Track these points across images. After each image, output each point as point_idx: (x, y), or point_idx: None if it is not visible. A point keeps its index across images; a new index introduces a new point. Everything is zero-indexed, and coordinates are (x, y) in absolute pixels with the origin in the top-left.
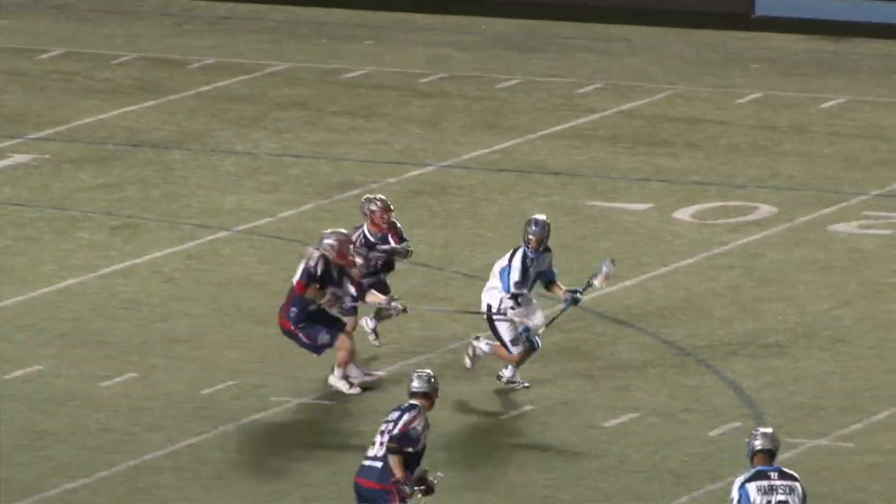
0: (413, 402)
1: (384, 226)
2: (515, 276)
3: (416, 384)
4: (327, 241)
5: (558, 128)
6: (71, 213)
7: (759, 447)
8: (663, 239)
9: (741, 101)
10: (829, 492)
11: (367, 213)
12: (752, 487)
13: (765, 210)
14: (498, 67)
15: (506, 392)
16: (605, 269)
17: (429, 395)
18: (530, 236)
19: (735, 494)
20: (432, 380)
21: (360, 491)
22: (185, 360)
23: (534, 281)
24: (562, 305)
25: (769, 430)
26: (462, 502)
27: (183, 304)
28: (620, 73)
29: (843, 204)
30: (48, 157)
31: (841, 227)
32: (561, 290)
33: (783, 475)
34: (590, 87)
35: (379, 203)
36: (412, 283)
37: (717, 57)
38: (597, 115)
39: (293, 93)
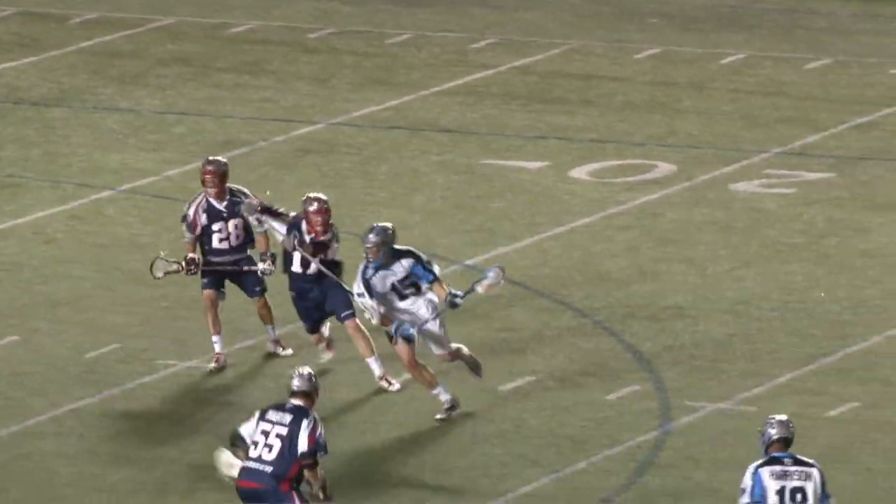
0: (297, 403)
1: (319, 228)
2: (355, 287)
3: (297, 383)
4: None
5: (451, 84)
6: None
7: (775, 437)
8: (559, 198)
9: (638, 56)
10: (730, 456)
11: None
12: (765, 472)
13: (664, 168)
14: (387, 22)
15: (390, 354)
16: (491, 275)
17: (310, 395)
18: (366, 245)
19: (749, 481)
20: (313, 378)
21: (247, 494)
22: (67, 323)
23: (393, 291)
24: (442, 305)
25: (783, 417)
26: (353, 470)
27: (65, 266)
28: (514, 28)
29: (745, 162)
30: None
31: (742, 185)
32: (443, 290)
33: (797, 461)
34: (483, 43)
35: (318, 203)
36: None
37: (613, 11)
38: (490, 72)
39: (177, 48)
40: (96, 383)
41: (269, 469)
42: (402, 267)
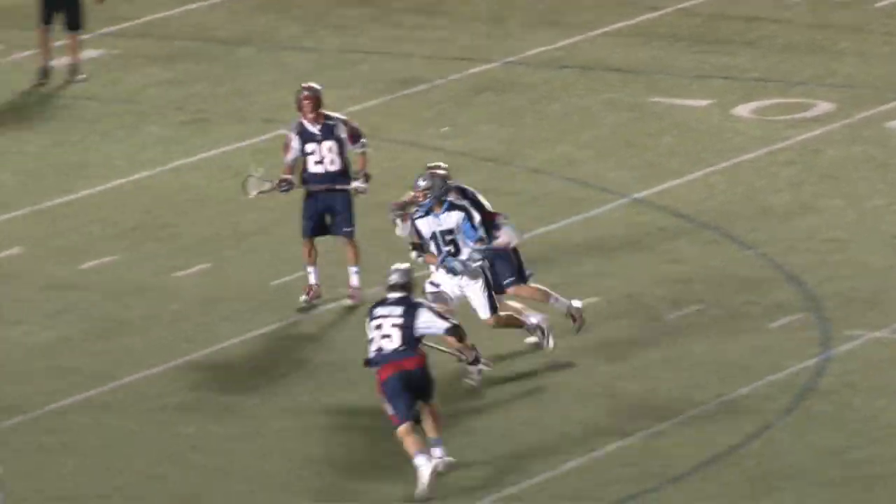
0: (401, 294)
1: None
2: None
3: (395, 277)
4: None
5: (619, 25)
6: (141, 108)
7: None
8: (723, 135)
9: None
10: (887, 383)
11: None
12: None
13: (823, 107)
14: None
15: (569, 284)
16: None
17: (407, 287)
18: (415, 189)
19: None
20: (410, 272)
21: (411, 374)
22: (254, 252)
23: (433, 241)
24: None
25: None
26: (530, 390)
27: (250, 198)
28: None
29: None
30: (118, 53)
31: None
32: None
33: None
34: None
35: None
36: (477, 179)
37: None
38: (656, 14)
39: None
40: (282, 309)
41: (408, 349)
42: (450, 219)
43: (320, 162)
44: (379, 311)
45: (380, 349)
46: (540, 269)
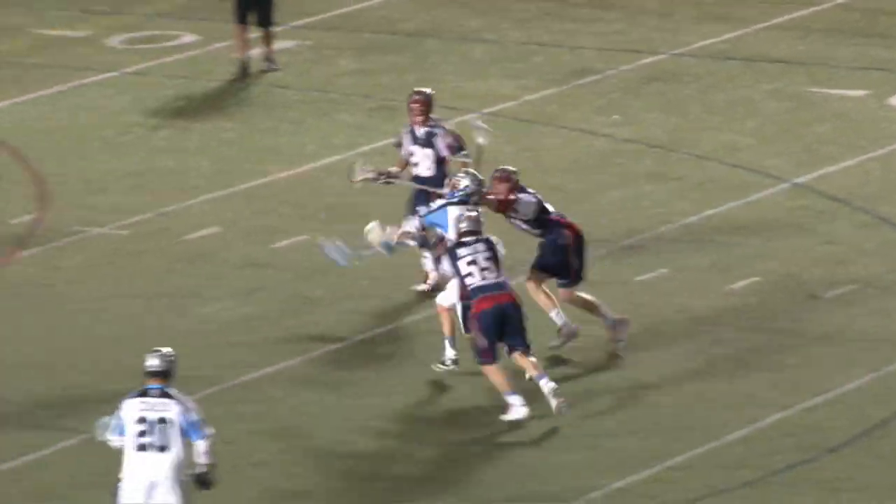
0: (477, 237)
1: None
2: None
3: (466, 224)
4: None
5: (781, 19)
6: (331, 96)
7: None
8: (878, 124)
9: None
10: None
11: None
12: None
13: None
14: None
15: (730, 265)
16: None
17: (480, 232)
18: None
19: None
20: (482, 217)
21: (496, 311)
22: None
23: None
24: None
25: None
26: (696, 365)
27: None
28: None
29: None
30: (310, 44)
31: None
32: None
33: None
34: None
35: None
36: (644, 165)
37: None
38: (816, 8)
39: None
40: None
41: (501, 281)
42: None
43: (416, 165)
44: (463, 251)
45: (484, 278)
46: (702, 250)
